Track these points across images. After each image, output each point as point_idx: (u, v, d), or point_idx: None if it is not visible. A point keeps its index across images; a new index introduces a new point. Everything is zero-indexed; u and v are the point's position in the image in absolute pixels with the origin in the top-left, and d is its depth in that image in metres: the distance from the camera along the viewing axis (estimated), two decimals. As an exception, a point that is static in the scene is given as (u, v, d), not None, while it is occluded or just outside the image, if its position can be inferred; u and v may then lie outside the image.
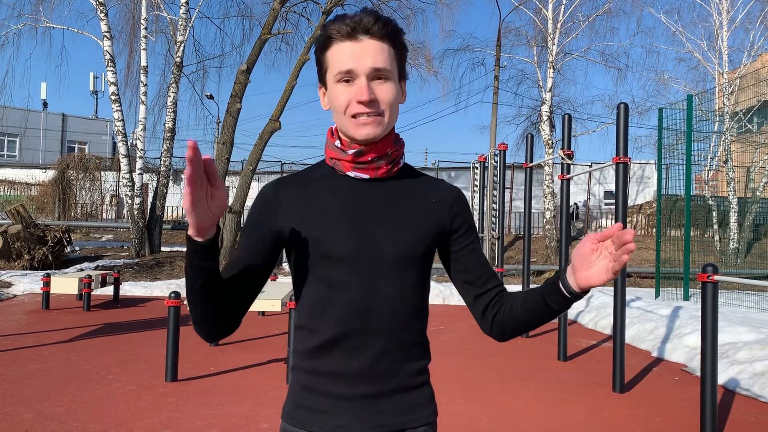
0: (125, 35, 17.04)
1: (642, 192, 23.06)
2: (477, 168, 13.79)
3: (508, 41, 18.73)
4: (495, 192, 13.01)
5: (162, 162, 14.47)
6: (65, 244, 13.09)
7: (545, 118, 16.76)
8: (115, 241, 17.67)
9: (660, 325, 7.12)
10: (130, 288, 10.47)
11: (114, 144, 30.60)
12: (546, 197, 16.63)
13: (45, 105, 36.17)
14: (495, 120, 18.30)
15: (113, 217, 21.65)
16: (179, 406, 4.16)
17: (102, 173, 21.16)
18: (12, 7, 16.51)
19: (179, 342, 4.89)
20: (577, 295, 1.12)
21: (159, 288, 10.55)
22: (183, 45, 14.17)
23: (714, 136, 14.54)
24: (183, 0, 14.11)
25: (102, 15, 13.63)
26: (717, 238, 14.74)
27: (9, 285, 10.21)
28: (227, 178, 15.26)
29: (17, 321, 7.34)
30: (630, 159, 5.18)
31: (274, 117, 14.49)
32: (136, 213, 13.78)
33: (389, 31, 1.14)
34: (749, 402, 4.72)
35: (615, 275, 1.04)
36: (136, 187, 13.90)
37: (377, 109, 1.14)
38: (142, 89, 14.43)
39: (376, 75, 1.14)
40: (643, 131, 47.16)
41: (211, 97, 25.49)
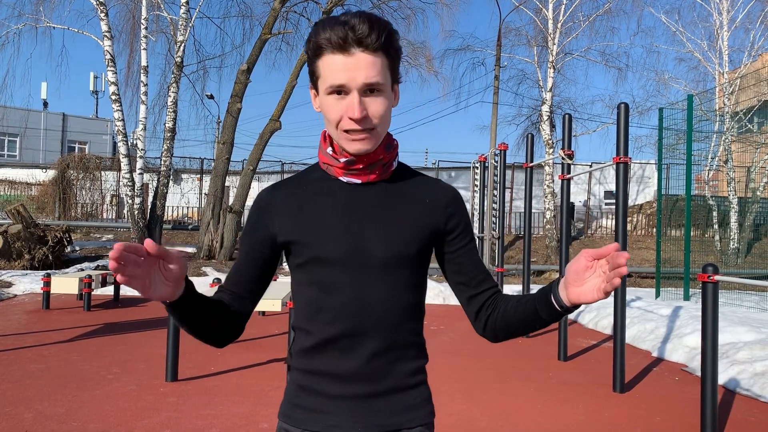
0: (125, 35, 17.07)
1: (642, 192, 23.08)
2: (477, 168, 13.78)
3: (508, 41, 18.77)
4: (495, 192, 13.01)
5: (162, 162, 14.47)
6: (65, 243, 13.09)
7: (545, 118, 16.76)
8: (116, 241, 17.65)
9: (660, 325, 7.12)
10: (130, 288, 10.46)
11: (114, 144, 30.58)
12: (546, 197, 16.64)
13: (45, 105, 36.21)
14: (495, 120, 18.32)
15: (113, 217, 21.65)
16: (179, 405, 4.16)
17: (102, 173, 21.14)
18: (12, 7, 16.50)
19: (179, 342, 4.89)
20: (568, 309, 1.12)
21: (159, 288, 10.54)
22: (183, 45, 14.17)
23: (714, 136, 14.53)
24: (183, 0, 14.12)
25: (102, 15, 13.62)
26: (717, 238, 14.75)
27: (9, 285, 10.21)
28: (227, 177, 15.25)
29: (17, 321, 7.34)
30: (630, 159, 5.17)
31: (274, 117, 14.50)
32: (136, 213, 13.78)
33: (382, 43, 1.11)
34: (749, 402, 4.72)
35: (606, 296, 1.04)
36: (136, 187, 13.89)
37: (369, 125, 1.13)
38: (142, 89, 14.42)
39: (368, 88, 1.11)
40: (644, 131, 47.21)
41: (212, 97, 25.51)
